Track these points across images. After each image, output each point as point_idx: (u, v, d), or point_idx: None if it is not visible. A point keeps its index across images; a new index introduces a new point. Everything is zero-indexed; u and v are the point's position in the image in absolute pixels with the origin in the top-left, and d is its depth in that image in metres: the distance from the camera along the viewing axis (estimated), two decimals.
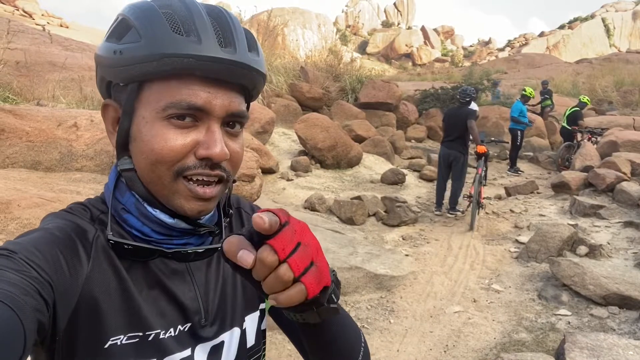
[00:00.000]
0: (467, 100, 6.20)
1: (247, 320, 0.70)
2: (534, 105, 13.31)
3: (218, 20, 0.57)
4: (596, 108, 16.12)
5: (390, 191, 6.95)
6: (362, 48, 55.85)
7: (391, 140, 9.81)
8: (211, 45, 0.55)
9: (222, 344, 0.65)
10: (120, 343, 0.55)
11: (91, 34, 19.69)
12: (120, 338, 0.55)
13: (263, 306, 0.73)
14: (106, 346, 0.54)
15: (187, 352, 0.61)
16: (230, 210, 0.71)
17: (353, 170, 7.84)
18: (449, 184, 6.28)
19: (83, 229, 0.57)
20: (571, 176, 7.09)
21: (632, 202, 5.79)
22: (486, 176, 8.04)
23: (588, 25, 55.35)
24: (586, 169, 7.48)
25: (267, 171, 6.49)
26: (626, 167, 6.97)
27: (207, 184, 0.58)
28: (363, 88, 11.70)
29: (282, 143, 8.43)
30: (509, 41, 60.31)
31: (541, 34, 57.80)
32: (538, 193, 7.46)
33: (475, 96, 6.78)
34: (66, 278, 0.51)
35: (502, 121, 12.17)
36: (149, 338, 0.57)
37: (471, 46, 64.20)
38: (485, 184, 7.64)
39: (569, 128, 9.96)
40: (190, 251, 0.62)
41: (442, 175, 6.32)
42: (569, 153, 9.63)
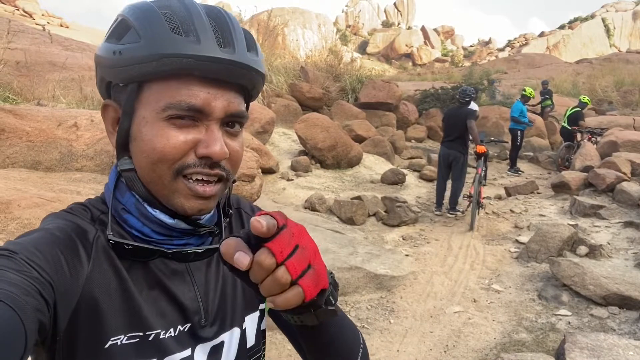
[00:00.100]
0: (467, 100, 6.20)
1: (247, 320, 0.70)
2: (534, 105, 13.30)
3: (217, 20, 0.57)
4: (596, 108, 16.11)
5: (390, 191, 6.94)
6: (362, 48, 55.83)
7: (391, 140, 9.81)
8: (210, 45, 0.55)
9: (222, 344, 0.65)
10: (120, 343, 0.55)
11: (91, 34, 19.68)
12: (120, 338, 0.55)
13: (263, 306, 0.73)
14: (106, 346, 0.54)
15: (187, 352, 0.61)
16: (230, 210, 0.71)
17: (353, 170, 7.83)
18: (449, 184, 6.28)
19: (83, 230, 0.57)
20: (571, 176, 7.09)
21: (632, 202, 5.78)
22: (486, 176, 8.05)
23: (588, 25, 55.33)
24: (586, 169, 7.48)
25: (267, 171, 6.49)
26: (626, 167, 6.97)
27: (207, 183, 0.58)
28: (363, 88, 11.70)
29: (282, 143, 8.43)
30: (509, 41, 60.28)
31: (541, 34, 57.78)
32: (538, 193, 7.46)
33: (475, 96, 6.79)
34: (67, 278, 0.52)
35: (502, 121, 12.16)
36: (149, 338, 0.57)
37: (471, 46, 64.17)
38: (485, 184, 7.64)
39: (569, 128, 9.96)
40: (190, 251, 0.62)
41: (442, 175, 6.32)
42: (569, 153, 9.63)
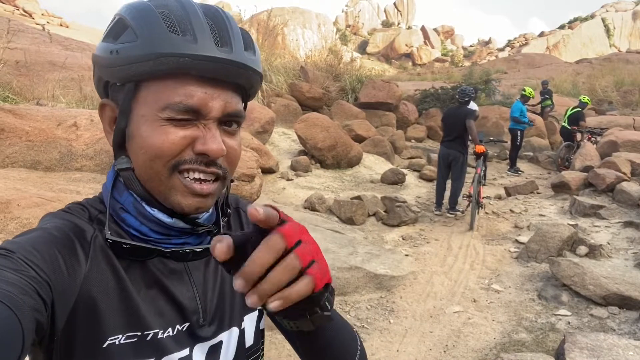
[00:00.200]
0: (466, 100, 6.20)
1: (246, 320, 0.70)
2: (534, 105, 13.31)
3: (214, 19, 0.57)
4: (596, 108, 16.12)
5: (390, 191, 6.94)
6: (362, 48, 55.85)
7: (391, 140, 9.81)
8: (207, 44, 0.55)
9: (221, 344, 0.65)
10: (118, 343, 0.55)
11: (91, 34, 19.68)
12: (118, 337, 0.55)
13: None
14: (104, 346, 0.54)
15: (186, 352, 0.61)
16: (228, 209, 0.71)
17: (353, 170, 7.83)
18: (449, 184, 6.28)
19: (81, 229, 0.57)
20: (571, 176, 7.09)
21: (632, 202, 5.78)
22: (485, 176, 8.04)
23: (588, 25, 55.35)
24: (586, 169, 7.49)
25: (267, 171, 6.49)
26: (626, 167, 6.97)
27: (204, 181, 0.58)
28: (363, 88, 11.70)
29: (282, 143, 8.43)
30: (509, 41, 60.31)
31: (541, 34, 57.80)
32: (538, 193, 7.46)
33: (474, 96, 6.78)
34: (64, 278, 0.51)
35: (502, 121, 12.17)
36: (147, 338, 0.57)
37: (471, 46, 64.21)
38: (484, 184, 7.64)
39: (569, 128, 9.96)
40: (188, 251, 0.62)
41: (442, 175, 6.32)
42: (569, 153, 9.64)
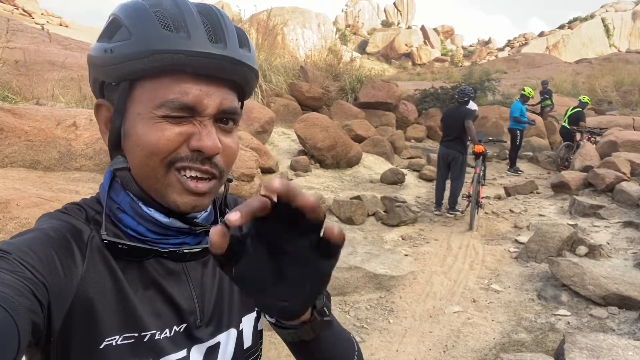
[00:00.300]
0: (466, 100, 6.20)
1: (244, 321, 0.70)
2: (534, 105, 13.31)
3: (208, 17, 0.57)
4: (596, 108, 16.14)
5: (389, 191, 6.94)
6: (362, 48, 55.88)
7: (391, 140, 9.81)
8: (201, 40, 0.55)
9: (218, 345, 0.65)
10: (115, 343, 0.54)
11: (91, 34, 19.65)
12: (115, 338, 0.54)
13: None
14: (101, 347, 0.53)
15: (183, 353, 0.60)
16: (227, 209, 0.70)
17: (352, 170, 7.83)
18: (449, 184, 6.28)
19: (78, 229, 0.57)
20: (571, 176, 7.09)
21: (632, 202, 5.78)
22: (485, 176, 8.04)
23: (588, 25, 55.40)
24: (586, 169, 7.49)
25: (267, 171, 6.48)
26: (626, 167, 6.97)
27: (200, 179, 0.58)
28: (363, 88, 11.69)
29: (282, 143, 8.42)
30: (509, 41, 60.40)
31: (541, 34, 57.87)
32: (538, 193, 7.46)
33: (473, 96, 6.78)
34: (61, 279, 0.51)
35: (502, 121, 12.17)
36: (145, 339, 0.57)
37: (471, 46, 64.27)
38: (484, 184, 7.64)
39: (569, 128, 9.96)
40: (186, 251, 0.61)
41: (442, 174, 6.32)
42: (569, 153, 9.64)
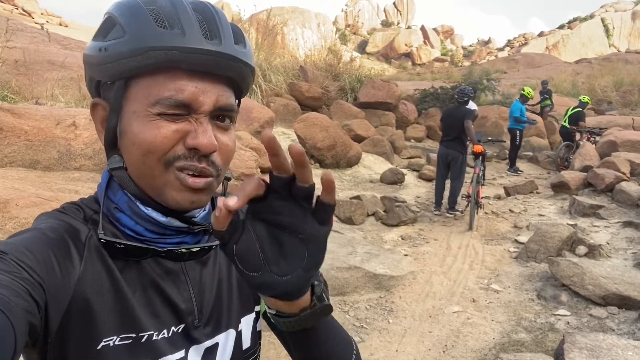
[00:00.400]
0: (465, 99, 6.20)
1: (243, 321, 0.69)
2: (534, 105, 13.31)
3: (203, 13, 0.57)
4: (595, 108, 16.15)
5: (389, 191, 6.94)
6: (362, 47, 55.90)
7: (390, 139, 9.81)
8: (196, 37, 0.54)
9: (217, 346, 0.64)
10: (113, 344, 0.54)
11: (90, 33, 19.43)
12: (113, 339, 0.54)
13: (258, 308, 0.72)
14: (99, 347, 0.53)
15: (181, 354, 0.60)
16: None
17: (352, 169, 7.83)
18: (448, 184, 6.28)
19: (76, 229, 0.57)
20: (570, 176, 7.10)
21: (632, 202, 5.79)
22: (484, 176, 8.04)
23: (587, 25, 55.44)
24: (585, 169, 7.49)
25: (267, 171, 6.48)
26: (625, 167, 6.97)
27: (198, 176, 0.57)
28: (362, 87, 11.69)
29: (282, 142, 8.36)
30: (509, 41, 60.47)
31: (541, 34, 57.93)
32: (537, 193, 7.46)
33: (473, 96, 6.78)
34: (58, 279, 0.51)
35: (502, 121, 12.17)
36: (142, 339, 0.56)
37: (471, 46, 64.31)
38: (483, 184, 7.64)
39: (569, 128, 9.96)
40: (184, 250, 0.61)
41: (441, 174, 6.32)
42: (569, 153, 9.64)
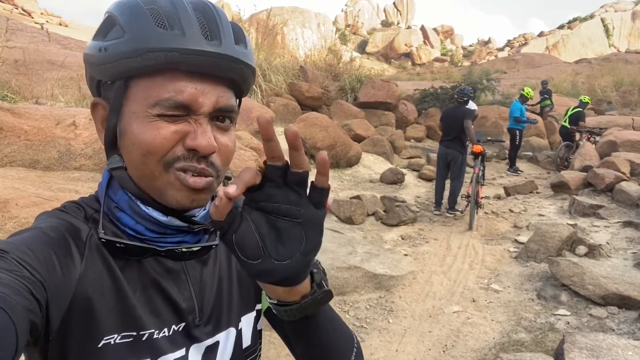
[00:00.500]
0: (465, 99, 6.20)
1: (243, 320, 0.69)
2: (533, 105, 13.32)
3: (204, 13, 0.57)
4: (595, 108, 16.16)
5: (389, 191, 6.94)
6: (362, 47, 55.91)
7: (390, 139, 9.82)
8: (195, 38, 0.54)
9: (217, 345, 0.65)
10: (113, 342, 0.54)
11: (90, 33, 19.41)
12: (113, 337, 0.54)
13: (259, 306, 0.72)
14: (100, 345, 0.53)
15: (181, 353, 0.60)
16: None
17: (352, 169, 7.83)
18: (448, 183, 6.28)
19: (76, 228, 0.57)
20: (570, 176, 7.10)
21: (631, 202, 5.79)
22: (484, 176, 8.04)
23: (587, 25, 55.46)
24: (585, 169, 7.49)
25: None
26: (625, 167, 6.98)
27: (197, 175, 0.57)
28: (362, 87, 11.70)
29: (281, 142, 8.30)
30: (509, 41, 60.49)
31: (540, 34, 57.95)
32: (537, 193, 7.46)
33: (473, 95, 6.78)
34: (59, 278, 0.51)
35: (502, 121, 12.18)
36: (143, 338, 0.56)
37: (470, 46, 64.33)
38: (483, 184, 7.64)
39: (569, 128, 9.96)
40: (184, 250, 0.61)
41: (441, 174, 6.32)
42: (568, 153, 9.64)
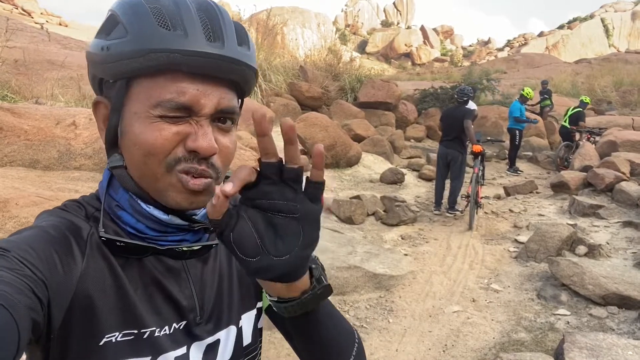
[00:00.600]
0: (465, 99, 6.20)
1: (244, 318, 0.69)
2: (533, 105, 13.32)
3: (207, 13, 0.56)
4: (595, 108, 16.16)
5: (389, 190, 6.94)
6: (362, 47, 55.91)
7: (390, 139, 9.82)
8: (198, 39, 0.54)
9: (218, 342, 0.65)
10: (115, 340, 0.54)
11: (90, 33, 19.60)
12: (115, 335, 0.54)
13: (260, 305, 0.73)
14: (101, 343, 0.53)
15: (183, 350, 0.60)
16: None
17: (352, 169, 7.83)
18: (448, 183, 6.28)
19: (77, 227, 0.57)
20: (570, 176, 7.10)
21: (631, 202, 5.79)
22: (484, 176, 8.04)
23: (587, 25, 55.46)
24: (585, 169, 7.49)
25: None
26: (625, 167, 6.98)
27: (197, 177, 0.57)
28: (362, 87, 11.70)
29: (281, 142, 8.39)
30: (509, 41, 60.49)
31: (540, 34, 57.95)
32: (537, 193, 7.46)
33: (472, 95, 6.79)
34: (60, 276, 0.51)
35: (501, 121, 12.17)
36: (144, 336, 0.57)
37: (470, 46, 64.32)
38: (483, 184, 7.64)
39: (569, 128, 9.96)
40: (185, 249, 0.61)
41: (441, 174, 6.32)
42: (568, 153, 9.65)
